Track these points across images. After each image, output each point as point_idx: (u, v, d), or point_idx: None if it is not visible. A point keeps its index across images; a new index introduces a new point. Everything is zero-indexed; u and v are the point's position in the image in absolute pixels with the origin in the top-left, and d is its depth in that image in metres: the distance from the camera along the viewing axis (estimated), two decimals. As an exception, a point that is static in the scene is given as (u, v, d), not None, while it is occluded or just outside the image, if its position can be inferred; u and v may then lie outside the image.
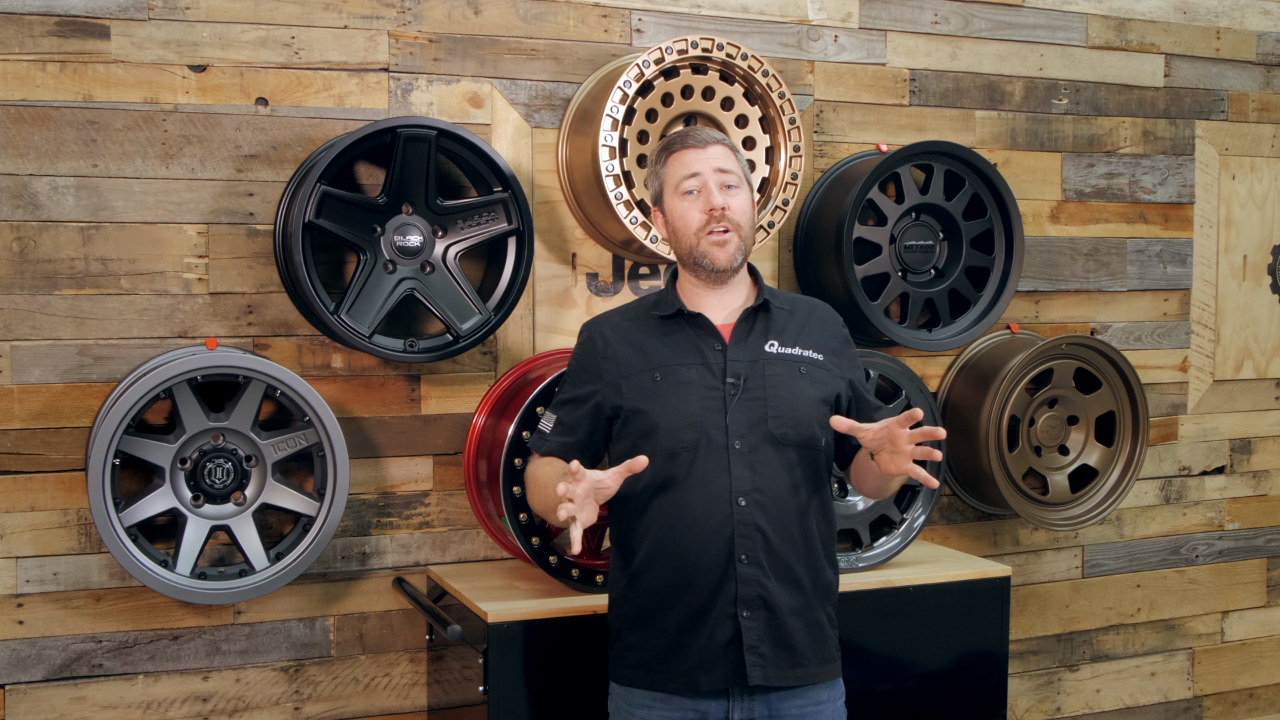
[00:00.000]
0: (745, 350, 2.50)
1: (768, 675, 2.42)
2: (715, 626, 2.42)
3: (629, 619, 2.52)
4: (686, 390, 2.46)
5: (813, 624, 2.48)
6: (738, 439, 2.43)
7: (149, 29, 3.02)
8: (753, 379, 2.47)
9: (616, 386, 2.51)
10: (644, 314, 2.59)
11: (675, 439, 2.43)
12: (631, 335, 2.55)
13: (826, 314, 2.64)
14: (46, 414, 2.98)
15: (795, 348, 2.53)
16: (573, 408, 2.57)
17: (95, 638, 3.04)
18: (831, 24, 3.65)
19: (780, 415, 2.46)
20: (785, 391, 2.47)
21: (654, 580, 2.46)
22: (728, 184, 2.50)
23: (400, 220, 3.06)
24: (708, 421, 2.44)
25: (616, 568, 2.56)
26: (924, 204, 3.59)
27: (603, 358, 2.55)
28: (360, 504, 3.24)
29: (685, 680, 2.44)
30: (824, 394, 2.52)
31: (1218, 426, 4.24)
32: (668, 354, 2.51)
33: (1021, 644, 3.97)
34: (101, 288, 3.01)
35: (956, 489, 3.83)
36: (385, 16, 3.20)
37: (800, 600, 2.46)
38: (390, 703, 3.28)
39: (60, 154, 2.97)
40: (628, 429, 2.50)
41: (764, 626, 2.42)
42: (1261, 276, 4.27)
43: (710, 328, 2.52)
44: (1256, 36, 4.23)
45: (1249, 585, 4.34)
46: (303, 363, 3.17)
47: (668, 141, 2.56)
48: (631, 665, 2.51)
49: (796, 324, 2.57)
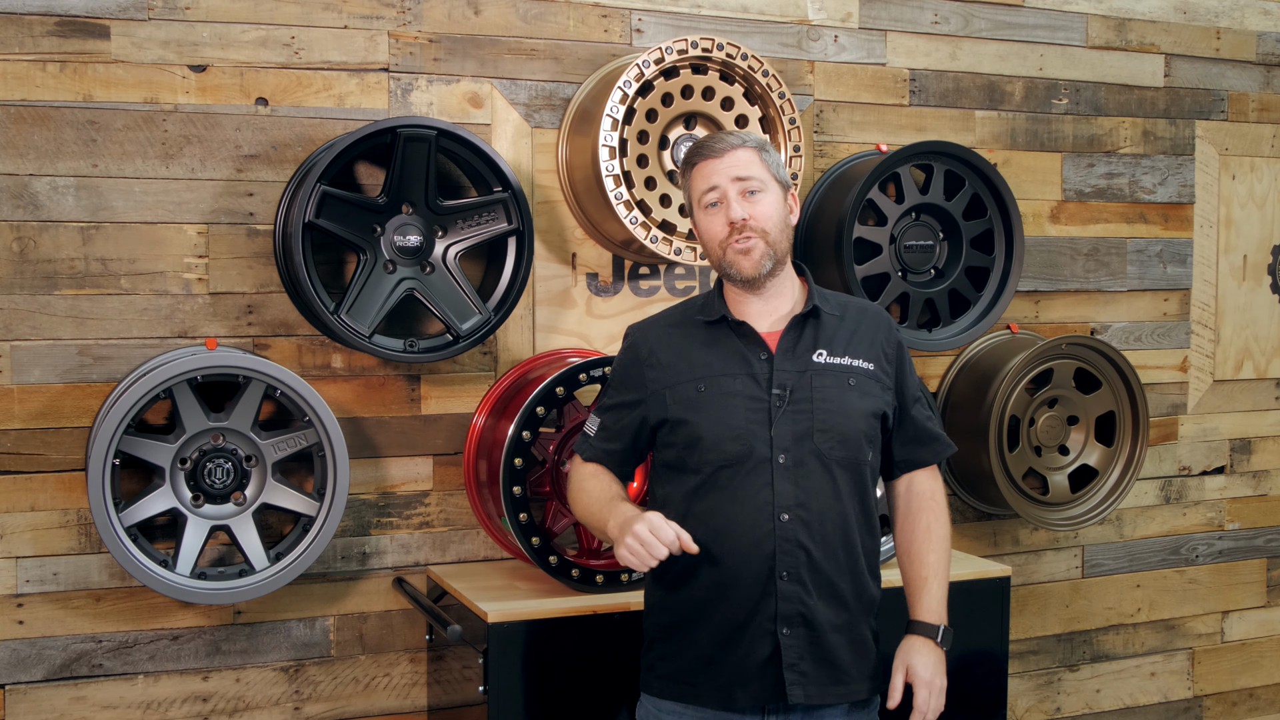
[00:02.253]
0: (793, 360, 2.43)
1: (809, 693, 2.37)
2: (753, 642, 2.37)
3: (663, 628, 2.48)
4: (731, 402, 2.41)
5: (856, 640, 2.44)
6: (782, 453, 2.38)
7: (149, 29, 3.02)
8: (799, 390, 2.41)
9: (661, 396, 2.46)
10: (688, 319, 2.53)
11: (720, 451, 2.39)
12: (676, 342, 2.50)
13: (878, 318, 2.55)
14: (46, 414, 2.98)
15: (844, 357, 2.46)
16: (616, 414, 2.53)
17: (95, 638, 3.04)
18: (831, 24, 3.65)
19: (827, 429, 2.40)
20: (833, 405, 2.41)
21: (691, 592, 2.42)
22: (749, 190, 2.43)
23: (400, 220, 3.06)
24: (752, 434, 2.39)
25: (653, 574, 2.49)
26: (924, 204, 3.59)
27: (647, 365, 2.50)
28: (360, 504, 3.24)
29: (720, 696, 2.39)
30: (873, 407, 2.46)
31: (1218, 426, 4.24)
32: (714, 363, 2.45)
33: (1021, 644, 3.97)
34: (101, 288, 3.01)
35: (956, 489, 3.83)
36: (385, 16, 3.20)
37: (843, 616, 2.41)
38: (390, 703, 3.28)
39: (60, 154, 2.97)
40: (672, 438, 2.46)
41: (804, 644, 2.37)
42: (1261, 276, 4.27)
43: (756, 337, 2.46)
44: (1256, 36, 4.23)
45: (1249, 585, 4.34)
46: (303, 363, 3.17)
47: (689, 152, 2.50)
48: (662, 676, 2.47)
49: (847, 331, 2.49)
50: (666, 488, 2.48)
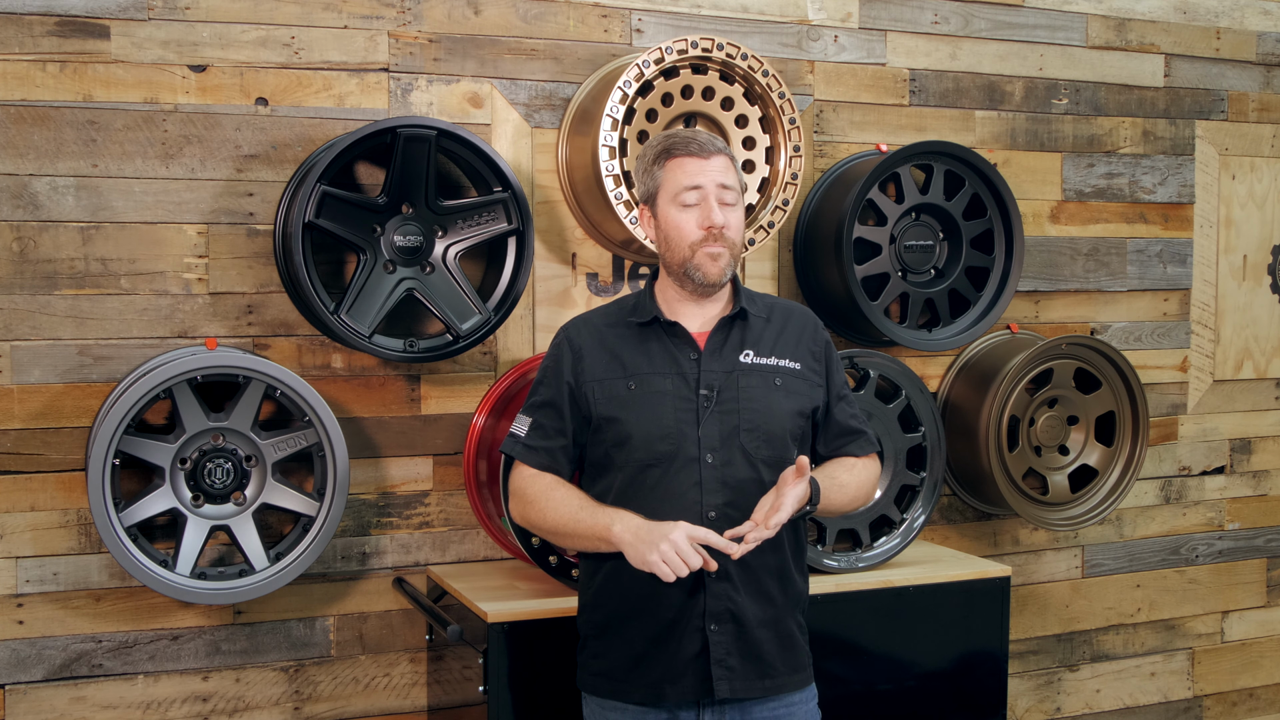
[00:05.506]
0: (720, 361, 2.46)
1: (735, 688, 2.41)
2: (683, 640, 2.41)
3: (596, 626, 2.51)
4: (661, 400, 2.43)
5: (783, 634, 2.47)
6: (710, 452, 2.41)
7: (149, 29, 3.02)
8: (726, 390, 2.44)
9: (590, 392, 2.48)
10: (621, 319, 2.54)
11: (649, 450, 2.41)
12: (607, 340, 2.51)
13: (804, 319, 2.58)
14: (46, 414, 2.98)
15: (771, 357, 2.49)
16: (552, 412, 2.52)
17: (95, 638, 3.04)
18: (831, 24, 3.65)
19: (753, 429, 2.43)
20: (759, 404, 2.44)
21: (622, 590, 2.45)
22: (727, 201, 2.45)
23: (400, 220, 3.06)
24: (681, 434, 2.41)
25: (586, 574, 2.54)
26: (924, 204, 3.58)
27: (578, 362, 2.51)
28: (360, 504, 3.24)
29: (650, 692, 2.43)
30: (799, 406, 2.49)
31: (1218, 426, 4.24)
32: (642, 362, 2.47)
33: (1021, 644, 3.97)
34: (101, 288, 3.01)
35: (956, 489, 3.83)
36: (385, 16, 3.20)
37: (770, 612, 2.45)
38: (390, 703, 3.28)
39: (60, 154, 2.97)
40: (600, 436, 2.47)
41: (732, 639, 2.41)
42: (1261, 276, 4.27)
43: (686, 337, 2.48)
44: (1256, 36, 4.23)
45: (1249, 585, 4.34)
46: (303, 363, 3.17)
47: (668, 144, 2.49)
48: (595, 673, 2.50)
49: (773, 332, 2.52)
50: (596, 486, 2.50)
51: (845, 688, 2.62)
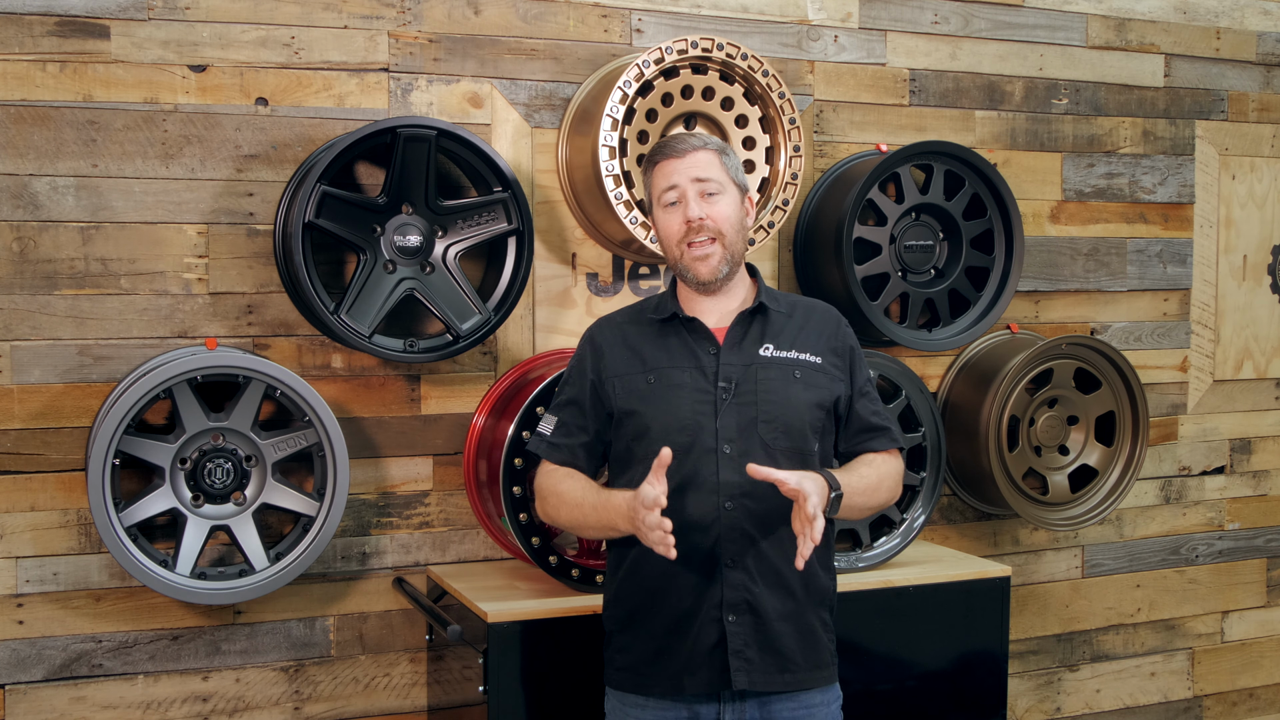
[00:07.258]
0: (739, 354, 2.49)
1: (753, 680, 2.41)
2: (701, 630, 2.42)
3: (620, 621, 2.53)
4: (679, 393, 2.47)
5: (804, 629, 2.47)
6: (727, 443, 2.43)
7: (149, 29, 3.02)
8: (744, 383, 2.47)
9: (611, 388, 2.52)
10: (643, 317, 2.60)
11: (667, 441, 2.42)
12: (629, 338, 2.57)
13: (827, 315, 2.62)
14: (46, 414, 2.98)
15: (791, 351, 2.52)
16: (575, 410, 2.57)
17: (95, 638, 3.04)
18: (831, 24, 3.65)
19: (771, 420, 2.45)
20: (777, 396, 2.46)
21: (642, 582, 2.47)
22: (708, 191, 2.49)
23: (400, 220, 3.06)
24: (698, 425, 2.44)
25: (611, 568, 2.58)
26: (924, 204, 3.58)
27: (600, 359, 2.56)
28: (360, 504, 3.24)
29: (670, 684, 2.44)
30: (819, 398, 2.51)
31: (1218, 426, 4.24)
32: (662, 357, 2.51)
33: (1021, 644, 3.98)
34: (101, 288, 3.01)
35: (956, 489, 3.83)
36: (385, 16, 3.21)
37: (790, 605, 2.45)
38: (390, 703, 3.28)
39: (60, 154, 2.97)
40: (620, 430, 2.52)
41: (750, 631, 2.42)
42: (1261, 276, 4.27)
43: (705, 332, 2.52)
44: (1256, 36, 4.23)
45: (1249, 585, 4.34)
46: (303, 363, 3.17)
47: (652, 151, 2.57)
48: (620, 668, 2.52)
49: (794, 326, 2.55)
50: (620, 480, 2.52)
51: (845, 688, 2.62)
